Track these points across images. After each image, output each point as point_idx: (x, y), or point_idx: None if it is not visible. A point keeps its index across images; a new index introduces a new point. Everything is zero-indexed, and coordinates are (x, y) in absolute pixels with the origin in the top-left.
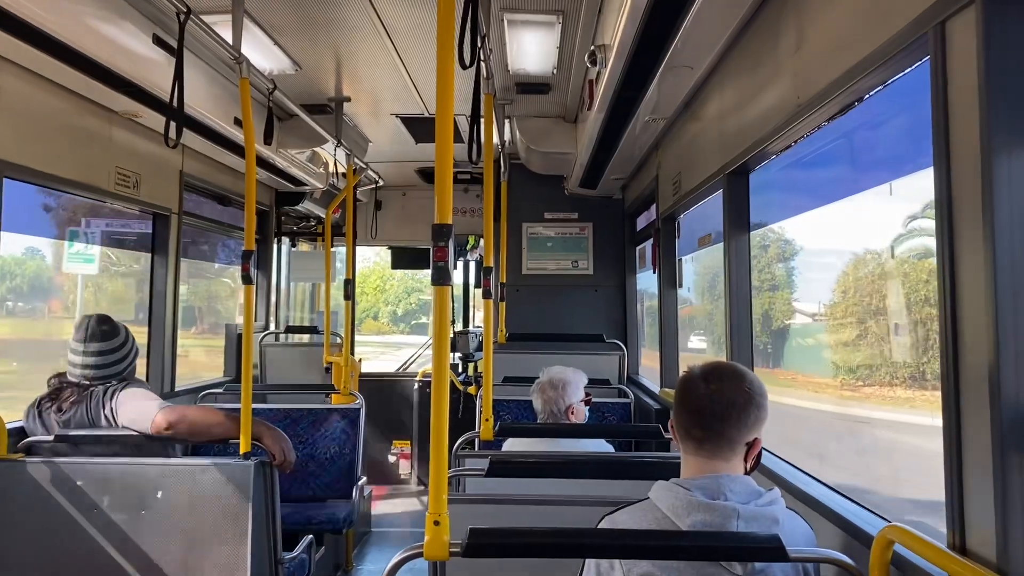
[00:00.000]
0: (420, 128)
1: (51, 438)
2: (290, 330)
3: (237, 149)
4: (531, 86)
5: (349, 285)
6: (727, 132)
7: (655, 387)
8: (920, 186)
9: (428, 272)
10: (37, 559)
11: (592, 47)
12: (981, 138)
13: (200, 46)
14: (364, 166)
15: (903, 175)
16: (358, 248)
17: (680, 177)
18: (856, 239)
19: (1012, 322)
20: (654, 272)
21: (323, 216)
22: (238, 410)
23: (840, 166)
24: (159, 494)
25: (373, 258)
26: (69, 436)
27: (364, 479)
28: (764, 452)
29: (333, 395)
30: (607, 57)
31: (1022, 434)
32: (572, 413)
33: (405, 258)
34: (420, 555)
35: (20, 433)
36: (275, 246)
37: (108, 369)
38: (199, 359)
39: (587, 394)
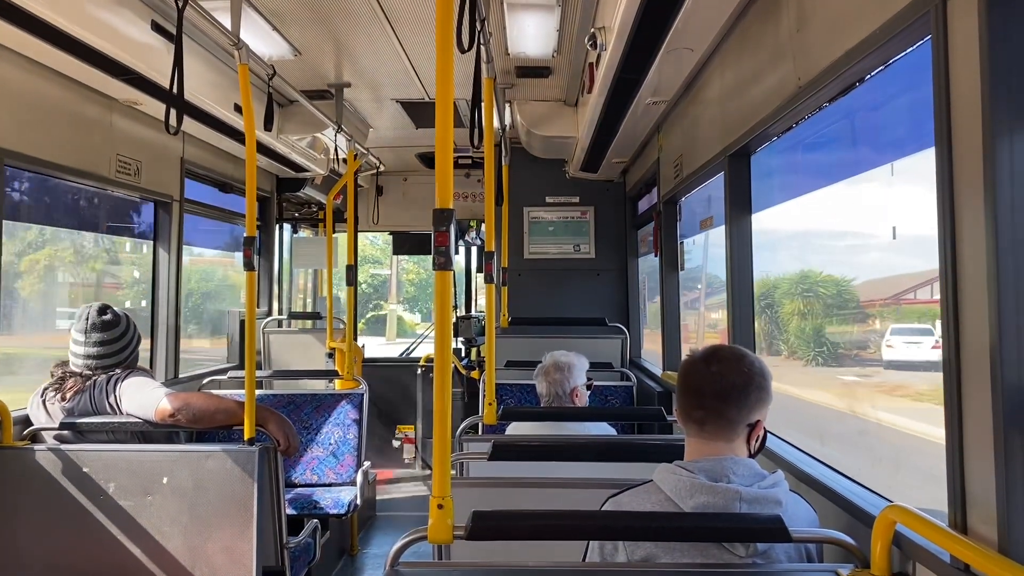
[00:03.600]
0: (420, 113)
1: (56, 426)
2: (293, 316)
3: (237, 135)
4: (531, 69)
5: (351, 271)
6: (728, 114)
7: (657, 370)
8: None
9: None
10: (43, 545)
11: (592, 29)
12: (983, 118)
13: (199, 32)
14: (365, 151)
15: None
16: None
17: (681, 160)
18: None
19: (1013, 301)
20: (655, 256)
21: (324, 202)
22: (242, 396)
23: None
24: (164, 480)
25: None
26: (74, 424)
27: (368, 464)
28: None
29: (337, 380)
30: (607, 40)
31: (1023, 413)
32: (576, 396)
33: (407, 243)
34: (424, 538)
35: (25, 422)
36: (277, 232)
37: (110, 359)
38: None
39: (588, 379)
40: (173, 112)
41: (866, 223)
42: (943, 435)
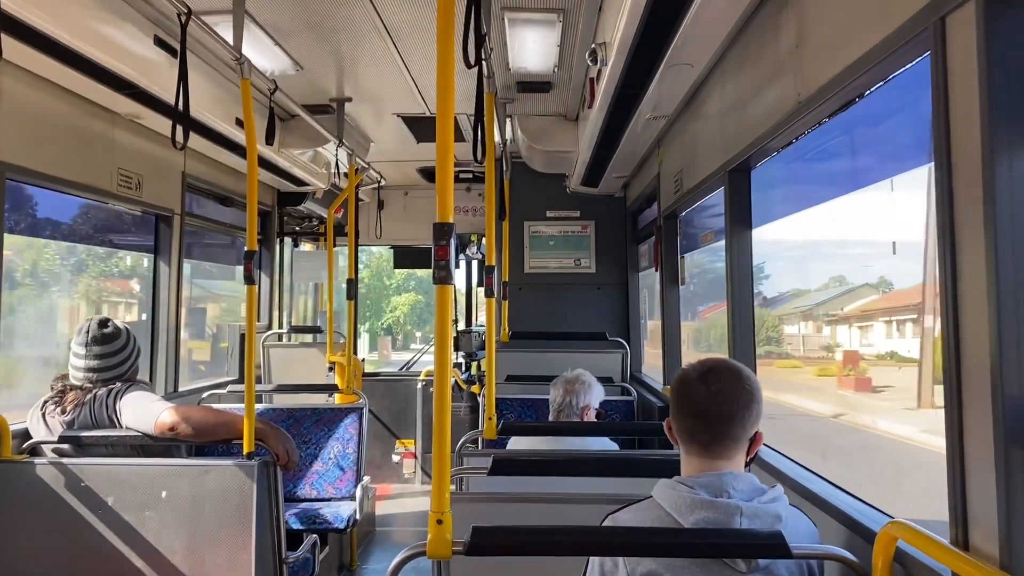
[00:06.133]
0: (421, 128)
1: (55, 439)
2: (293, 330)
3: (239, 149)
4: (532, 84)
5: (352, 285)
6: (728, 129)
7: (658, 384)
8: None
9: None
10: (42, 559)
11: (593, 45)
12: (982, 133)
13: (201, 47)
14: (366, 166)
15: None
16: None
17: (682, 175)
18: None
19: (1014, 317)
20: (655, 270)
21: (325, 216)
22: (242, 410)
23: None
24: (163, 494)
25: None
26: (73, 437)
27: (368, 478)
28: (765, 448)
29: (336, 395)
30: (608, 55)
31: None
32: (587, 413)
33: (407, 257)
34: (423, 554)
35: (24, 436)
36: (278, 246)
37: (110, 372)
38: None
39: (600, 410)
40: (179, 128)
41: None
42: None
